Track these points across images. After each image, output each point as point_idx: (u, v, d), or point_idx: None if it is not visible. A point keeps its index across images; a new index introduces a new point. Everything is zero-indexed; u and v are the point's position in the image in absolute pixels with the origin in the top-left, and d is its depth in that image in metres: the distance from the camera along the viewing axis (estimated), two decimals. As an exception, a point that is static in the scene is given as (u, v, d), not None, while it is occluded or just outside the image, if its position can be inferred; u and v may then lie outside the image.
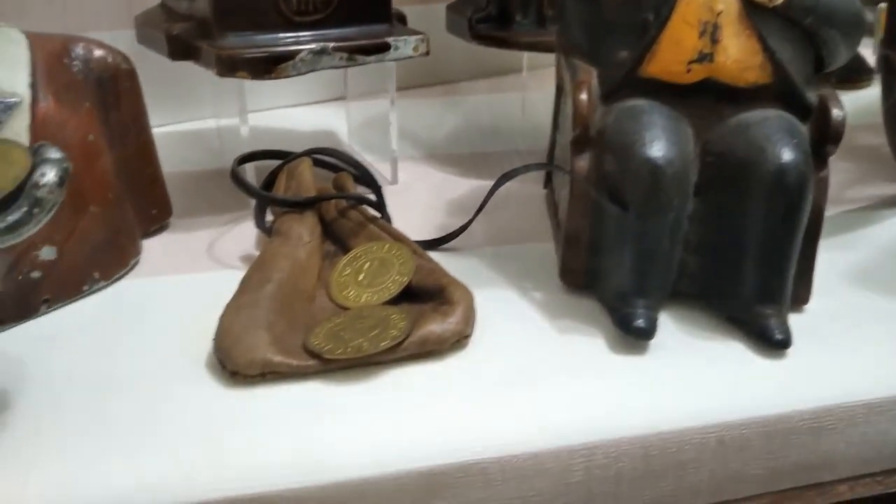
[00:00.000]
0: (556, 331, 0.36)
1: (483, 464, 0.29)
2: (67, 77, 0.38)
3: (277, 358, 0.32)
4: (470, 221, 0.42)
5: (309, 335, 0.33)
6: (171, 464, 0.28)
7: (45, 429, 0.30)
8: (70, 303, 0.38)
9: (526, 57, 0.62)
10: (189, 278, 0.40)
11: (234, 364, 0.32)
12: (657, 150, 0.33)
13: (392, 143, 0.51)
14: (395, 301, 0.36)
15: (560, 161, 0.43)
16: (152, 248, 0.43)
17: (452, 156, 0.57)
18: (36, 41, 0.37)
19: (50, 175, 0.26)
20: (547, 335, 0.35)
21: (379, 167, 0.53)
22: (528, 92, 0.64)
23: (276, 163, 0.45)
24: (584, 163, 0.36)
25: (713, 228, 0.36)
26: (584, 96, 0.36)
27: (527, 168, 0.40)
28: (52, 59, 0.37)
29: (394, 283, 0.37)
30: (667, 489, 0.31)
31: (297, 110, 0.67)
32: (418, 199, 0.50)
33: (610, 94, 0.37)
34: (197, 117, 0.62)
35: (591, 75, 0.37)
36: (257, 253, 0.43)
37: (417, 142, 0.60)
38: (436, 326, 0.33)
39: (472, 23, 0.52)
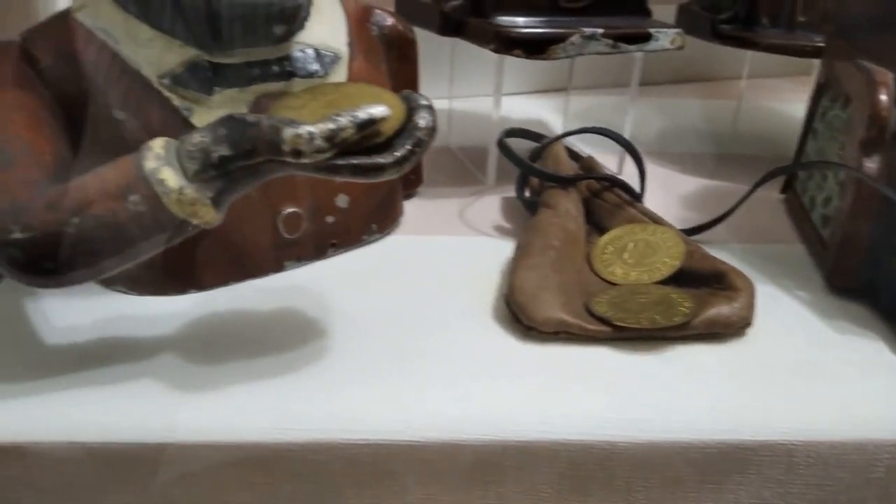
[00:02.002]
0: (833, 330, 0.35)
1: (789, 446, 0.29)
2: (369, 40, 0.41)
3: (572, 319, 0.33)
4: (728, 213, 0.43)
5: (590, 302, 0.34)
6: (490, 401, 0.30)
7: (356, 357, 0.32)
8: (351, 249, 0.40)
9: (748, 65, 0.61)
10: (450, 239, 0.42)
11: (530, 319, 0.33)
12: (975, 155, 0.33)
13: (626, 135, 0.52)
14: (663, 283, 0.37)
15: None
16: (408, 210, 0.45)
17: (670, 154, 0.58)
18: (346, 5, 0.40)
19: (429, 119, 0.28)
20: (824, 332, 0.35)
21: (599, 159, 0.53)
22: (743, 100, 0.64)
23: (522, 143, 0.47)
24: (874, 164, 0.36)
25: None
26: (884, 97, 0.36)
27: (799, 166, 0.40)
28: (359, 23, 0.40)
29: (664, 265, 0.37)
30: (962, 501, 0.31)
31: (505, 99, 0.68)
32: (648, 192, 0.50)
33: (907, 97, 0.36)
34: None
35: (889, 77, 0.37)
36: (505, 223, 0.45)
37: (632, 139, 0.60)
38: (724, 309, 0.34)
39: (716, 23, 0.53)
